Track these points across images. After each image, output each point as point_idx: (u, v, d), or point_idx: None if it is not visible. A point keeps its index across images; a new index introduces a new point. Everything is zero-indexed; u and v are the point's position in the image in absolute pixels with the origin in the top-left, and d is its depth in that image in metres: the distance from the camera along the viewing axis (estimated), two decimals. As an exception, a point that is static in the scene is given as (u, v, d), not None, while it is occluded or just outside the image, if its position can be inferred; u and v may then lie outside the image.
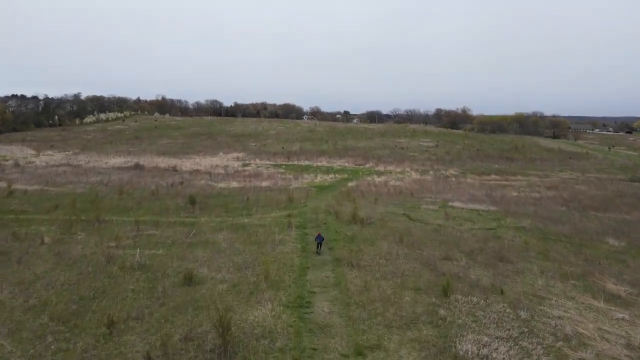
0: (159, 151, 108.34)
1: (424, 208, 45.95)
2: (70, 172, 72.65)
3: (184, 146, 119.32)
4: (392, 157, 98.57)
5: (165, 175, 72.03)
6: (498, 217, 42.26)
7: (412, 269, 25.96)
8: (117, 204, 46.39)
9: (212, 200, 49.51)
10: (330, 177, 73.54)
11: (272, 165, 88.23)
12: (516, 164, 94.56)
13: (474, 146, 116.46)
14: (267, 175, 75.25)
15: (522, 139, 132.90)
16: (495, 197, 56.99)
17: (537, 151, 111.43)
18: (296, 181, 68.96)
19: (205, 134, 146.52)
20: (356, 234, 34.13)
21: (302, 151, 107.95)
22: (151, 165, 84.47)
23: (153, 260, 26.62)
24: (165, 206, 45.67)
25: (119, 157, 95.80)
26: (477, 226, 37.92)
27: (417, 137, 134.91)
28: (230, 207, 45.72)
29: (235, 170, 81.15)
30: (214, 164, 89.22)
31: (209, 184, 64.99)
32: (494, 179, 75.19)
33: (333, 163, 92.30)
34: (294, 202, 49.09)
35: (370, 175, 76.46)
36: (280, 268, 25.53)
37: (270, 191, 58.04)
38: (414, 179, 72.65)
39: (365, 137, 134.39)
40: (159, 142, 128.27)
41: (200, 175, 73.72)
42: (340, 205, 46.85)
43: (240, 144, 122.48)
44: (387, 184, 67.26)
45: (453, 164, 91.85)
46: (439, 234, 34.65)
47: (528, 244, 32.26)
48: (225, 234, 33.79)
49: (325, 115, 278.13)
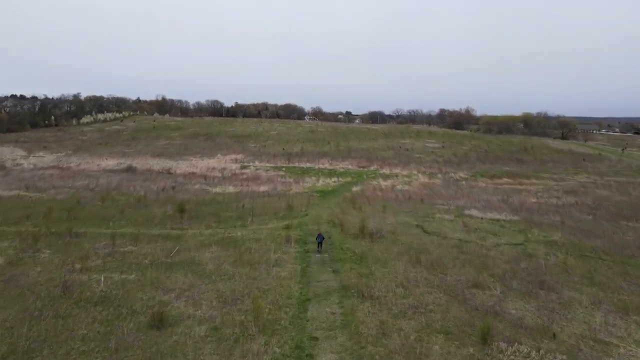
0: (155, 153, 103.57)
1: (439, 218, 40.98)
2: (57, 175, 67.86)
3: (181, 147, 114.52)
4: (397, 159, 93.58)
5: (158, 179, 67.23)
6: (523, 229, 37.27)
7: (437, 302, 21.03)
8: (98, 212, 41.54)
9: (204, 208, 44.63)
10: (333, 181, 68.63)
11: (272, 168, 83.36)
12: (527, 166, 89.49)
13: (482, 147, 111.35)
14: (266, 178, 70.37)
15: (531, 140, 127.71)
16: (513, 203, 52.02)
17: (547, 153, 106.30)
18: (297, 185, 64.07)
19: (204, 135, 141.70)
20: (365, 251, 29.21)
21: (303, 153, 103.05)
22: (144, 168, 79.68)
23: (121, 288, 21.75)
24: (151, 215, 40.82)
25: (112, 159, 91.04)
26: (502, 241, 32.93)
27: (421, 137, 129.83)
28: (223, 216, 40.86)
29: (233, 173, 76.28)
30: (211, 166, 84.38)
31: (204, 188, 60.14)
32: (506, 183, 70.17)
33: (336, 165, 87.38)
34: (293, 210, 44.21)
35: (375, 179, 71.51)
36: (276, 301, 20.64)
37: (268, 197, 53.15)
38: (422, 183, 67.69)
39: (368, 138, 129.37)
40: (156, 143, 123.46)
41: (195, 178, 68.87)
42: (345, 214, 41.94)
43: (240, 145, 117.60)
44: (394, 188, 62.31)
45: (461, 166, 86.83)
46: (461, 251, 29.69)
47: (567, 265, 27.28)
48: (213, 251, 28.92)
49: (327, 116, 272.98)
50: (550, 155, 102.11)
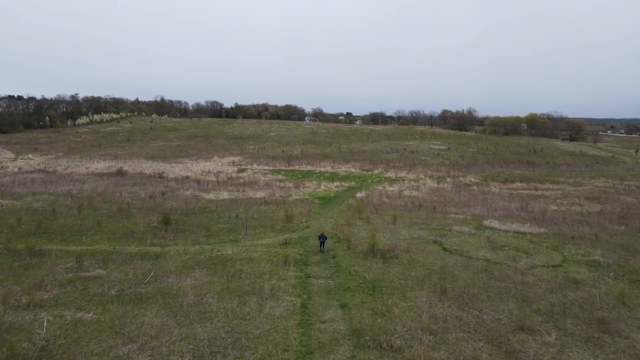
0: (149, 155, 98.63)
1: (457, 231, 35.98)
2: (40, 179, 62.86)
3: (177, 149, 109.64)
4: (402, 162, 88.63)
5: (148, 184, 62.30)
6: (556, 246, 32.28)
7: (478, 356, 16.06)
8: (72, 224, 36.58)
9: (193, 219, 39.67)
10: (336, 186, 63.67)
11: (271, 171, 78.41)
12: (539, 169, 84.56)
13: (489, 149, 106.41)
14: (264, 183, 65.41)
15: (539, 142, 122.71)
16: (534, 212, 47.09)
17: (558, 155, 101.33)
18: (296, 191, 59.13)
19: (201, 136, 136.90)
20: (378, 276, 24.26)
21: (303, 155, 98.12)
22: (135, 171, 74.72)
23: (69, 336, 16.80)
24: (132, 227, 35.89)
25: (103, 162, 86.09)
26: (537, 261, 27.95)
27: (426, 139, 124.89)
28: (214, 229, 35.92)
29: (229, 177, 71.33)
30: (206, 169, 79.45)
31: (196, 194, 55.21)
32: (521, 188, 65.19)
33: (338, 168, 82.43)
34: (293, 220, 39.26)
35: (380, 183, 66.55)
36: (268, 356, 15.67)
37: (265, 205, 48.20)
38: (431, 188, 62.72)
39: (371, 140, 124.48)
40: (152, 144, 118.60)
41: (189, 183, 63.92)
42: (350, 226, 36.99)
43: (238, 147, 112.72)
44: (401, 194, 57.36)
45: (470, 170, 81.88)
46: (492, 276, 24.71)
47: (623, 295, 22.30)
48: (196, 276, 23.99)
49: (328, 117, 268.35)
50: (561, 158, 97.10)
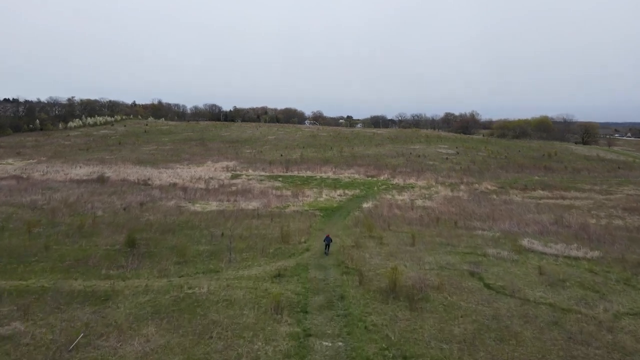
0: (138, 159, 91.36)
1: (494, 256, 28.58)
2: (9, 187, 55.54)
3: (169, 153, 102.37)
4: (409, 167, 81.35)
5: (130, 192, 55.01)
6: (626, 277, 24.88)
7: None
8: (16, 247, 29.23)
9: (169, 239, 32.31)
10: (339, 194, 56.36)
11: (267, 177, 71.12)
12: (558, 175, 77.26)
13: (500, 153, 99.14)
14: (259, 191, 58.07)
15: (552, 145, 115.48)
16: (572, 226, 39.74)
17: (574, 159, 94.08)
18: (295, 200, 51.81)
19: (197, 140, 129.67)
20: (406, 335, 16.89)
21: (303, 159, 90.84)
22: (119, 178, 67.42)
23: None
24: (89, 251, 28.54)
25: (87, 167, 78.83)
26: (618, 306, 20.52)
27: (432, 142, 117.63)
28: (191, 252, 28.57)
29: (221, 184, 64.03)
30: (197, 175, 72.16)
31: (180, 205, 47.89)
32: (545, 197, 57.87)
33: (340, 174, 75.16)
34: (289, 240, 31.95)
35: (388, 191, 59.23)
36: None
37: (258, 218, 40.85)
38: (445, 197, 55.39)
39: (374, 143, 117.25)
40: (143, 148, 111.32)
41: (175, 191, 56.60)
42: (360, 248, 29.65)
43: (234, 151, 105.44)
44: (414, 204, 50.04)
45: (483, 176, 74.59)
46: (570, 336, 17.30)
47: None
48: (148, 336, 16.65)
49: (328, 120, 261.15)
50: (579, 163, 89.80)
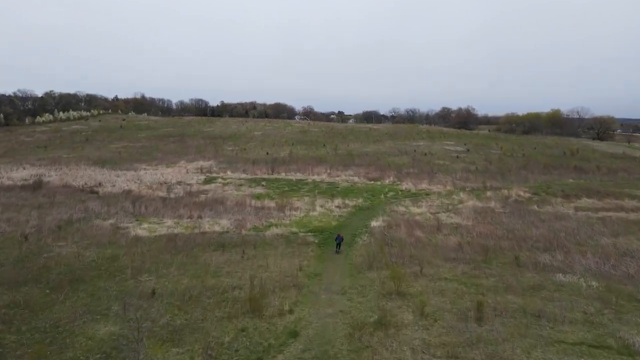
0: (100, 158, 76.91)
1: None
2: None
3: (140, 151, 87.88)
4: (416, 168, 68.00)
5: (64, 204, 41.04)
6: None
7: None
8: None
9: (40, 317, 18.53)
10: (337, 206, 42.77)
11: (248, 181, 57.30)
12: (594, 177, 64.43)
13: (516, 151, 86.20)
14: (234, 202, 44.22)
15: (568, 142, 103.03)
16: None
17: (600, 158, 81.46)
18: (280, 216, 38.15)
19: (176, 136, 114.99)
20: None
21: (292, 158, 77.05)
22: (61, 183, 53.13)
23: None
24: None
25: (32, 169, 64.33)
26: None
27: (436, 139, 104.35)
28: (77, 349, 14.83)
29: (188, 191, 50.12)
30: (163, 178, 58.09)
31: (120, 226, 33.96)
32: (598, 207, 44.77)
33: (336, 176, 61.55)
34: (265, 305, 18.33)
35: (400, 201, 45.76)
36: None
37: (222, 251, 27.12)
38: (474, 209, 42.03)
39: (371, 140, 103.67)
40: (112, 145, 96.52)
41: (124, 202, 42.61)
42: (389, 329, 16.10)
43: (214, 149, 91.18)
44: (439, 221, 36.64)
45: (507, 178, 61.47)
46: None
47: None
48: None
49: (319, 116, 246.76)
50: (609, 162, 77.14)
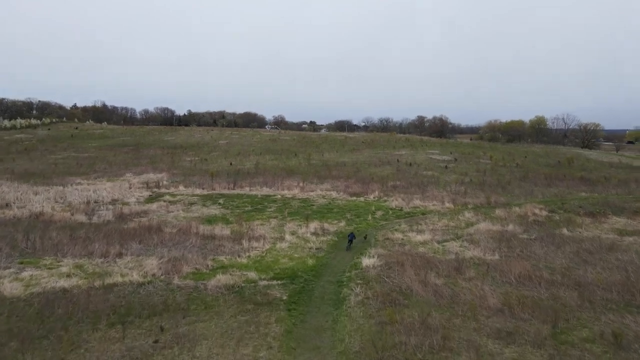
0: (27, 172, 63.75)
1: None
2: None
3: (82, 162, 74.95)
4: (403, 180, 58.05)
5: None
6: None
7: None
8: None
9: None
10: (313, 234, 31.89)
11: (202, 198, 45.81)
12: (606, 190, 55.92)
13: (507, 161, 77.83)
14: (175, 230, 32.63)
15: (558, 150, 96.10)
16: None
17: (598, 167, 74.04)
18: (235, 250, 26.92)
19: (131, 146, 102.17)
20: None
21: (259, 170, 65.92)
22: (-48, 205, 40.21)
23: None
24: None
25: None
26: None
27: (418, 147, 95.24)
28: None
29: (120, 213, 38.19)
30: (95, 196, 45.87)
31: None
32: (635, 229, 35.62)
33: (311, 191, 50.77)
34: None
35: (394, 225, 35.29)
36: None
37: (122, 329, 15.68)
38: (492, 235, 31.95)
39: (348, 149, 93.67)
40: (50, 157, 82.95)
41: (18, 233, 30.40)
42: None
43: (170, 159, 79.04)
44: (457, 254, 26.26)
45: (509, 192, 52.28)
46: None
47: None
48: None
49: (290, 125, 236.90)
50: (613, 172, 69.50)
